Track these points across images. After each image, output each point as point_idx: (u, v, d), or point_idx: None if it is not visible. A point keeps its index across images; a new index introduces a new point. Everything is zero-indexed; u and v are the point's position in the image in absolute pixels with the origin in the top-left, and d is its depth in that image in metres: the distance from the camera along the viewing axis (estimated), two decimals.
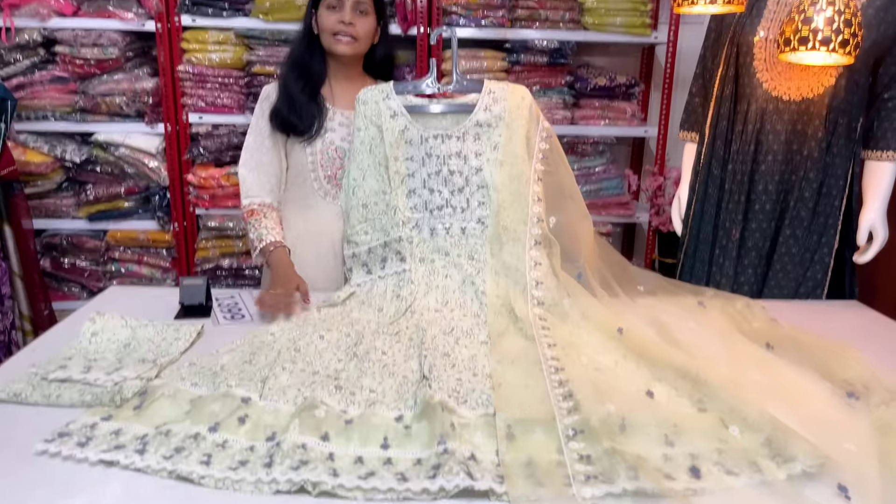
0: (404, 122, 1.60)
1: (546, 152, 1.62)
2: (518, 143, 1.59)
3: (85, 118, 2.74)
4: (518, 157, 1.58)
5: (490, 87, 1.62)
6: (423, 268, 1.57)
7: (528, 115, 1.61)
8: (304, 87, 1.70)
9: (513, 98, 1.61)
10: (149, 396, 1.12)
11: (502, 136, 1.59)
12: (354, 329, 1.42)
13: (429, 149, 1.60)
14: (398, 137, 1.60)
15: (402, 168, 1.61)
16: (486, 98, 1.61)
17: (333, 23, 1.67)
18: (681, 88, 2.99)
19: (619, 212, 2.98)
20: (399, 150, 1.60)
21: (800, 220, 1.79)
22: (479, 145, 1.60)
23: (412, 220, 1.60)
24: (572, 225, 1.60)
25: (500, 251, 1.55)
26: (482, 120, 1.60)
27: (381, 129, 1.60)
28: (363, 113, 1.62)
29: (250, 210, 1.69)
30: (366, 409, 1.11)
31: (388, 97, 1.62)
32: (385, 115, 1.60)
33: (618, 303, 1.55)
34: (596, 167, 2.96)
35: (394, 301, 1.54)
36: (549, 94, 2.84)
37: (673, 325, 1.45)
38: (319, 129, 1.70)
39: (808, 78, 1.73)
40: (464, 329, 1.41)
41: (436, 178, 1.60)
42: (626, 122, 2.91)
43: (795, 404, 1.16)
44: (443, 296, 1.54)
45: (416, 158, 1.61)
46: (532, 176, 1.58)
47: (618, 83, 2.86)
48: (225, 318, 1.52)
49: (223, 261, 2.88)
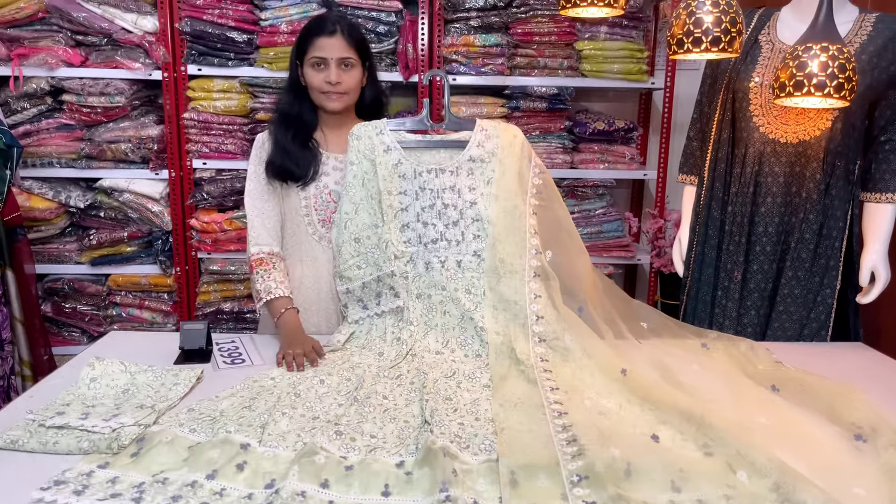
0: (398, 157, 1.62)
1: (540, 187, 1.63)
2: (511, 179, 1.60)
3: (90, 164, 2.77)
4: (511, 191, 1.59)
5: (482, 125, 1.64)
6: (420, 305, 1.57)
7: (519, 153, 1.63)
8: (296, 136, 1.70)
9: (505, 136, 1.63)
10: (146, 443, 1.11)
11: (495, 172, 1.60)
12: (355, 373, 1.41)
13: (422, 183, 1.61)
14: (391, 171, 1.61)
15: (396, 202, 1.61)
16: (479, 135, 1.63)
17: (320, 82, 1.67)
18: (678, 132, 3.04)
19: (621, 254, 2.98)
20: (392, 184, 1.61)
21: (801, 262, 1.79)
22: (473, 180, 1.61)
23: (406, 255, 1.60)
24: (570, 259, 1.60)
25: (497, 284, 1.54)
26: (475, 155, 1.62)
27: (374, 164, 1.61)
28: (356, 147, 1.63)
29: (259, 259, 1.67)
30: (366, 454, 1.09)
31: (382, 133, 1.63)
32: (378, 149, 1.61)
33: (621, 343, 1.54)
34: (596, 210, 2.98)
35: (394, 345, 1.53)
36: (548, 139, 2.88)
37: (677, 366, 1.44)
38: (315, 174, 1.71)
39: (805, 121, 1.75)
40: (466, 372, 1.40)
41: (430, 212, 1.61)
42: (625, 165, 2.94)
43: (803, 448, 1.14)
44: (443, 335, 1.53)
45: (409, 192, 1.62)
46: (527, 210, 1.59)
47: (616, 127, 2.90)
48: (225, 363, 1.51)
49: (224, 304, 2.87)
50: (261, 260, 1.67)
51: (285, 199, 1.74)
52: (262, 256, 1.67)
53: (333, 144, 1.76)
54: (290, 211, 1.73)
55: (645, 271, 3.25)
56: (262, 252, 1.68)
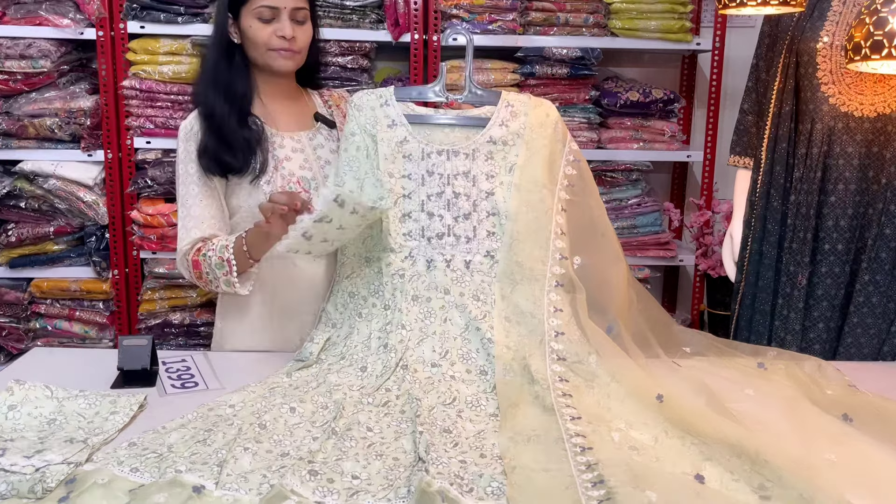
0: (404, 133, 1.63)
1: (573, 179, 1.64)
2: (539, 167, 1.61)
3: (8, 144, 2.77)
4: (538, 182, 1.60)
5: (508, 100, 1.65)
6: (416, 308, 1.57)
7: (552, 135, 1.64)
8: (231, 112, 1.68)
9: (535, 114, 1.64)
10: (78, 486, 1.11)
11: (520, 157, 1.61)
12: (333, 399, 1.41)
13: (430, 166, 1.63)
14: (395, 150, 1.63)
15: (398, 186, 1.62)
16: (503, 112, 1.64)
17: (268, 36, 1.67)
18: (730, 104, 3.04)
19: (658, 253, 2.99)
20: (395, 166, 1.63)
21: (880, 263, 1.79)
22: (492, 165, 1.62)
23: (405, 249, 1.61)
24: (602, 268, 1.60)
25: (512, 292, 1.55)
26: (497, 136, 1.63)
27: (375, 140, 1.63)
28: (357, 120, 1.65)
29: (196, 248, 1.65)
30: (347, 499, 1.09)
31: (387, 104, 1.64)
32: (381, 123, 1.63)
33: (657, 364, 1.55)
34: (629, 199, 2.99)
35: (380, 353, 1.54)
36: (570, 113, 2.89)
37: (726, 391, 1.44)
38: (264, 164, 1.70)
39: (884, 91, 1.75)
40: (468, 398, 1.41)
41: (437, 201, 1.62)
42: (664, 144, 2.95)
43: (881, 490, 1.14)
44: (441, 344, 1.54)
45: (414, 176, 1.63)
46: (555, 205, 1.60)
47: (653, 98, 2.90)
48: (174, 387, 1.51)
49: (173, 315, 2.87)
50: (197, 249, 1.65)
51: (238, 199, 1.72)
52: (197, 245, 1.65)
53: (284, 121, 1.76)
54: (250, 211, 1.71)
55: (688, 274, 3.26)
56: (195, 241, 1.66)
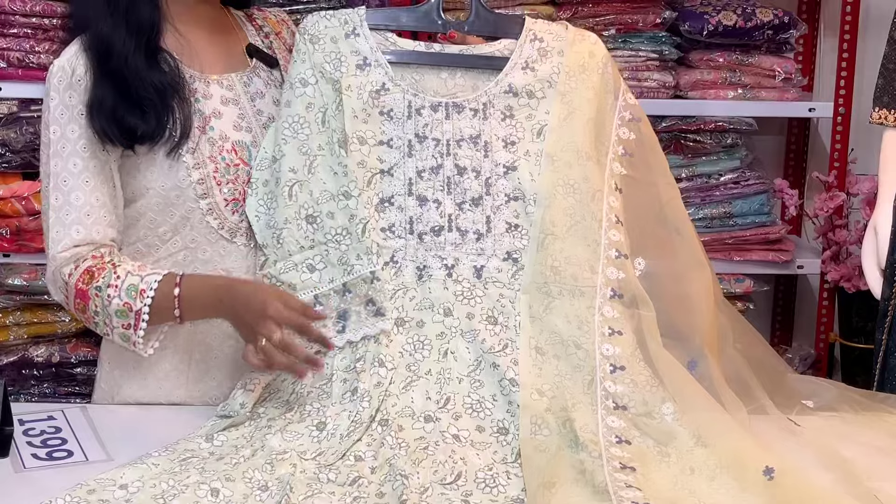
0: (382, 78, 1.64)
1: (630, 146, 1.65)
2: (580, 129, 1.62)
3: None
4: (580, 151, 1.61)
5: (535, 31, 1.66)
6: (402, 337, 1.58)
7: (599, 83, 1.65)
8: (136, 47, 1.66)
9: (574, 52, 1.65)
10: None
11: (552, 115, 1.62)
12: (275, 475, 1.41)
13: (421, 127, 1.64)
14: (368, 103, 1.63)
15: (372, 158, 1.63)
16: (528, 48, 1.65)
17: None
18: (874, 34, 3.03)
19: (766, 256, 2.99)
20: (368, 127, 1.63)
21: None
22: (513, 127, 1.64)
23: (385, 251, 1.62)
24: (679, 275, 1.62)
25: (546, 310, 1.56)
26: (519, 85, 1.64)
27: (338, 89, 1.63)
28: (310, 57, 1.64)
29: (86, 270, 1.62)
30: None
31: (356, 33, 1.65)
32: (348, 62, 1.64)
33: (764, 421, 1.55)
34: (721, 175, 3.00)
35: (347, 403, 1.53)
36: (632, 44, 2.90)
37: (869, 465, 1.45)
38: (187, 124, 1.67)
39: None
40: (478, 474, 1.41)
41: (431, 179, 1.63)
42: (774, 92, 2.95)
43: None
44: (439, 389, 1.54)
45: (397, 143, 1.64)
46: (606, 184, 1.61)
47: (759, 22, 2.90)
48: (36, 458, 1.51)
49: (35, 350, 2.88)
50: (88, 270, 1.62)
51: (146, 179, 1.71)
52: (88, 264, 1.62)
53: (208, 60, 1.77)
54: (163, 196, 1.70)
55: (811, 288, 3.26)
56: (81, 254, 1.63)
